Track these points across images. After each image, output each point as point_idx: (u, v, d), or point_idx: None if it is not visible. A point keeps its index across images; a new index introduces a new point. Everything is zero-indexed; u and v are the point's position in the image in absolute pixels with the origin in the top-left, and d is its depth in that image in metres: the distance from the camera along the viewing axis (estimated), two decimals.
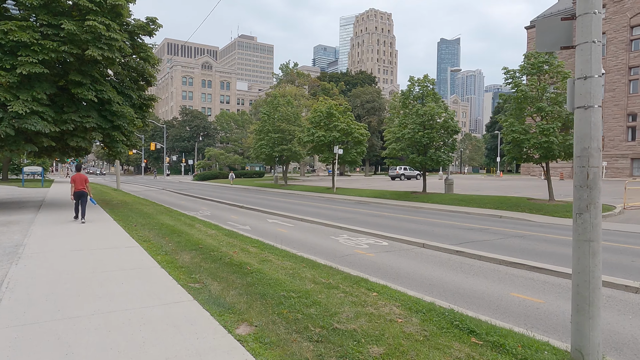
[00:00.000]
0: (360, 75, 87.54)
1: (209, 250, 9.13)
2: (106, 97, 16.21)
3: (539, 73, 19.15)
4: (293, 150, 39.74)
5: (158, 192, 35.09)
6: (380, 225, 14.97)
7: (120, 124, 16.84)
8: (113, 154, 18.41)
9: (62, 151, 19.52)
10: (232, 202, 24.61)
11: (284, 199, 28.33)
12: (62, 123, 15.73)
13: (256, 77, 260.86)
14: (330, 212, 19.72)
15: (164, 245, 9.62)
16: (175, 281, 6.53)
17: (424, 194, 26.69)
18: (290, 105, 42.08)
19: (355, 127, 33.03)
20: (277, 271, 7.36)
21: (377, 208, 21.88)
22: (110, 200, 22.49)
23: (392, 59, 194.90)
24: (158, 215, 15.77)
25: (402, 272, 8.52)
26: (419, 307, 5.52)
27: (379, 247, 11.06)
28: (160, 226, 12.81)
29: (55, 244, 9.45)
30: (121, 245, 9.43)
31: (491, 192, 28.24)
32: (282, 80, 69.59)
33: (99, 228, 12.14)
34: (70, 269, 7.11)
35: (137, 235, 11.00)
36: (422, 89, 26.39)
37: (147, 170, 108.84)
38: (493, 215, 18.33)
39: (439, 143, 25.72)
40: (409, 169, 57.55)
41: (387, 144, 26.93)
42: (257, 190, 38.04)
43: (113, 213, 16.09)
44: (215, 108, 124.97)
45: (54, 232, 11.18)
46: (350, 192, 31.52)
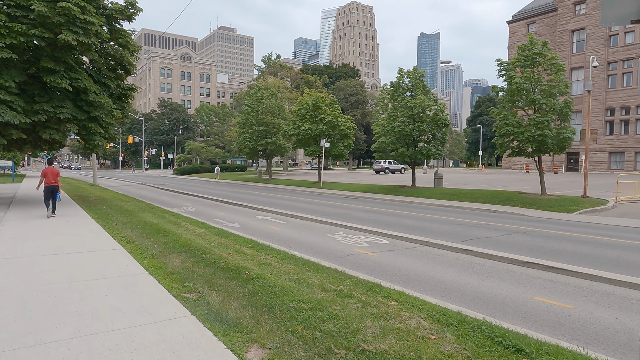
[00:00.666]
0: (343, 68, 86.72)
1: (201, 252, 8.33)
2: (82, 86, 15.05)
3: (533, 65, 18.82)
4: (278, 143, 38.80)
5: (138, 187, 33.73)
6: (376, 222, 14.38)
7: (97, 115, 15.70)
8: (90, 147, 17.23)
9: (33, 144, 18.20)
10: (216, 197, 23.66)
11: (271, 193, 27.51)
12: (33, 114, 14.53)
13: (236, 69, 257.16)
14: (320, 207, 19.04)
15: (150, 247, 8.76)
16: (167, 291, 5.74)
17: (413, 188, 26.28)
18: (274, 97, 41.04)
19: (342, 120, 32.36)
20: (279, 276, 6.65)
21: (368, 203, 21.31)
22: (87, 197, 21.25)
23: (373, 52, 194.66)
24: (140, 213, 14.79)
25: (412, 274, 7.92)
26: (449, 319, 4.90)
27: (380, 246, 10.46)
28: (144, 225, 11.89)
29: (27, 247, 8.48)
30: (102, 248, 8.53)
31: (479, 186, 28.09)
32: (265, 73, 68.23)
33: (76, 228, 11.15)
34: (45, 279, 6.22)
35: (118, 235, 10.09)
36: (411, 81, 25.88)
37: (124, 165, 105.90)
38: (487, 210, 18.00)
39: (429, 136, 25.32)
40: (394, 162, 57.41)
41: (375, 137, 26.36)
42: (241, 185, 37.04)
43: (91, 210, 15.02)
44: (195, 101, 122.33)
45: (25, 233, 10.16)
46: (337, 187, 30.91)
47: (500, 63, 19.62)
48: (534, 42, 18.90)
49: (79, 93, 15.66)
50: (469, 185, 28.85)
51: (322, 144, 31.29)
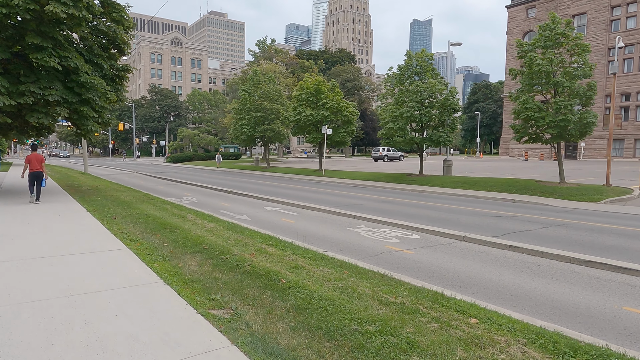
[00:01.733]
0: (339, 53, 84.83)
1: (218, 252, 7.21)
2: (72, 65, 13.64)
3: (556, 46, 17.74)
4: (276, 130, 37.46)
5: (131, 176, 32.31)
6: (395, 213, 13.35)
7: (89, 97, 14.31)
8: (82, 133, 15.84)
9: (20, 130, 16.79)
10: (217, 186, 22.44)
11: (272, 182, 26.33)
12: (18, 95, 13.12)
13: (227, 55, 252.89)
14: (329, 197, 17.96)
15: (158, 247, 7.62)
16: (191, 307, 4.63)
17: (421, 176, 25.28)
18: (272, 82, 39.54)
19: (344, 105, 31.12)
20: (320, 284, 5.57)
21: (379, 192, 20.27)
22: (79, 186, 19.90)
23: (367, 38, 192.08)
24: (139, 204, 13.57)
25: (463, 276, 6.89)
26: (557, 346, 3.87)
27: (412, 241, 9.42)
28: (146, 218, 10.70)
29: (14, 248, 7.28)
30: (103, 248, 7.36)
31: (485, 174, 27.19)
32: (259, 57, 66.29)
33: (71, 223, 9.93)
34: (36, 292, 5.06)
35: (120, 232, 8.91)
36: (419, 64, 24.68)
37: (115, 152, 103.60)
38: (506, 199, 17.06)
39: (437, 122, 24.22)
40: (392, 150, 56.38)
41: (382, 123, 25.22)
42: (238, 173, 35.77)
43: (85, 202, 13.77)
44: (187, 87, 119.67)
45: (13, 230, 8.94)
46: (340, 175, 29.80)
47: (520, 44, 18.50)
48: (556, 21, 17.79)
49: (69, 73, 14.25)
50: (475, 173, 27.95)
51: (324, 131, 30.08)
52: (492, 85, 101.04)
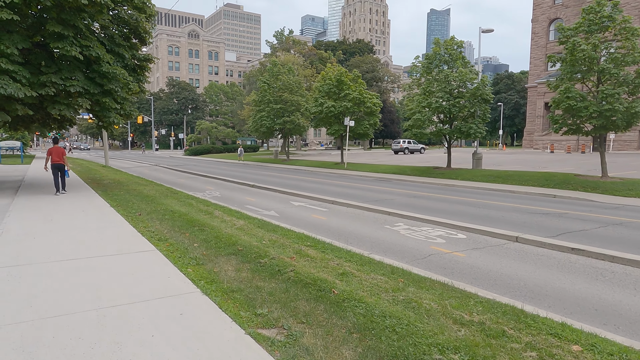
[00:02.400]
0: (357, 44, 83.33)
1: (254, 254, 6.57)
2: (94, 55, 13.14)
3: (601, 30, 16.53)
4: (296, 122, 36.76)
5: (151, 169, 32.10)
6: (430, 209, 12.56)
7: (111, 88, 13.82)
8: (104, 125, 15.40)
9: (42, 122, 16.46)
10: (238, 179, 21.91)
11: (294, 175, 25.69)
12: (39, 86, 12.70)
13: (243, 47, 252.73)
14: (356, 191, 17.21)
15: (189, 247, 7.02)
16: (238, 326, 3.98)
17: (449, 169, 24.30)
18: (291, 73, 38.77)
19: (367, 96, 30.19)
20: (377, 296, 4.87)
21: (406, 186, 19.43)
22: (100, 180, 19.60)
23: (384, 29, 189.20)
24: (163, 199, 13.07)
25: (530, 284, 6.11)
26: None
27: (460, 242, 8.64)
28: (172, 215, 10.15)
29: (36, 249, 6.77)
30: (130, 249, 6.80)
31: (515, 167, 25.98)
32: (277, 49, 65.46)
33: (94, 219, 9.44)
34: (60, 305, 4.49)
35: (146, 230, 8.36)
36: (448, 52, 23.58)
37: (134, 145, 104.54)
38: (545, 194, 16.05)
39: (466, 113, 23.13)
40: (413, 142, 55.19)
41: (409, 114, 24.28)
42: (258, 166, 35.25)
43: (108, 196, 13.33)
44: (204, 79, 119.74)
45: (35, 227, 8.47)
46: (362, 168, 28.99)
47: (561, 28, 17.31)
48: (601, 3, 16.55)
49: (90, 63, 13.78)
50: (504, 166, 26.77)
51: (347, 123, 29.24)
52: (514, 75, 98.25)
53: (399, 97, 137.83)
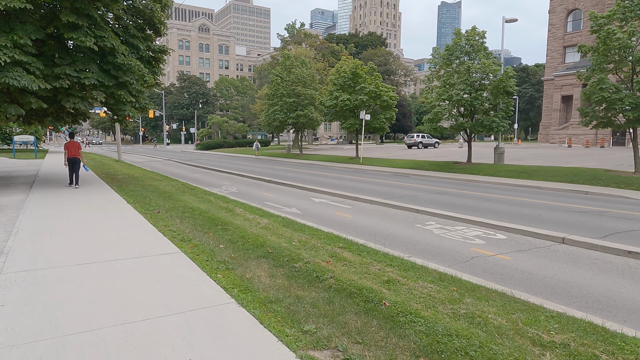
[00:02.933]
0: (369, 36, 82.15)
1: (287, 257, 6.06)
2: (108, 46, 12.68)
3: (637, 18, 15.65)
4: (310, 116, 36.16)
5: (164, 164, 31.81)
6: (459, 206, 11.94)
7: (127, 80, 13.37)
8: (119, 118, 14.99)
9: (55, 116, 16.10)
10: (253, 174, 21.44)
11: (309, 170, 25.15)
12: (53, 79, 12.29)
13: (253, 41, 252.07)
14: (377, 187, 16.63)
15: (215, 249, 6.53)
16: (285, 347, 3.46)
17: (470, 164, 23.58)
18: (305, 66, 38.12)
19: (384, 90, 29.47)
20: (434, 309, 4.33)
21: (427, 182, 18.78)
22: (115, 174, 19.26)
23: (395, 21, 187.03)
24: (180, 195, 12.63)
25: (595, 293, 5.51)
26: None
27: (501, 244, 8.04)
28: (192, 212, 9.69)
29: (53, 250, 6.34)
30: (152, 251, 6.32)
31: (537, 162, 25.16)
32: (289, 42, 64.74)
33: (112, 217, 9.00)
34: (82, 319, 4.01)
35: (167, 229, 7.89)
36: (469, 43, 22.76)
37: (145, 139, 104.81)
38: (576, 191, 15.33)
39: (486, 106, 22.32)
40: (427, 136, 54.36)
41: (428, 107, 23.56)
42: (271, 161, 34.78)
43: (123, 192, 12.93)
44: (214, 74, 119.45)
45: (51, 225, 8.05)
46: (378, 163, 28.35)
47: (594, 17, 16.45)
48: None
49: (105, 55, 13.33)
50: (525, 161, 25.94)
51: (362, 116, 28.58)
52: (529, 68, 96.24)
53: (410, 90, 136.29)
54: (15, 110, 11.77)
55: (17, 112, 11.80)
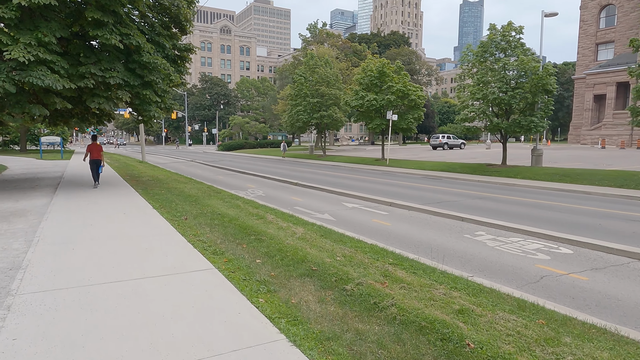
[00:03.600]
0: (392, 36, 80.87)
1: (333, 276, 5.31)
2: (134, 44, 12.22)
3: None
4: (334, 116, 35.39)
5: (187, 165, 31.57)
6: (506, 214, 10.98)
7: (152, 79, 12.89)
8: (144, 119, 14.55)
9: (81, 116, 15.79)
10: (279, 177, 20.80)
11: (335, 172, 24.38)
12: (78, 78, 11.88)
13: (273, 42, 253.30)
14: (410, 191, 15.73)
15: (251, 264, 5.83)
16: None
17: (505, 167, 22.40)
18: (328, 66, 37.39)
19: (412, 89, 28.47)
20: (531, 353, 3.49)
21: (462, 185, 17.77)
22: (139, 176, 18.91)
23: (417, 21, 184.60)
24: (207, 199, 12.04)
25: None
26: None
27: (569, 260, 7.10)
28: (221, 219, 9.05)
29: (75, 264, 5.75)
30: (183, 267, 5.66)
31: (574, 164, 23.72)
32: (310, 42, 64.14)
33: (138, 224, 8.43)
34: (110, 353, 3.34)
35: (197, 239, 7.24)
36: (504, 38, 21.59)
37: (167, 140, 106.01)
38: (629, 196, 14.12)
39: (523, 105, 21.09)
40: (453, 137, 52.95)
41: (460, 107, 22.50)
42: (294, 162, 34.15)
43: (149, 196, 12.42)
44: (235, 75, 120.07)
45: (74, 233, 7.52)
46: (406, 165, 27.34)
47: None
48: None
49: (130, 53, 12.88)
50: (560, 163, 24.54)
51: (389, 117, 27.64)
52: (557, 66, 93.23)
53: (432, 90, 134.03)
54: (39, 110, 11.39)
55: (41, 113, 11.42)
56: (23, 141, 43.86)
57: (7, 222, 8.44)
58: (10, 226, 8.09)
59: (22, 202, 11.05)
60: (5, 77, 10.26)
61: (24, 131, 44.00)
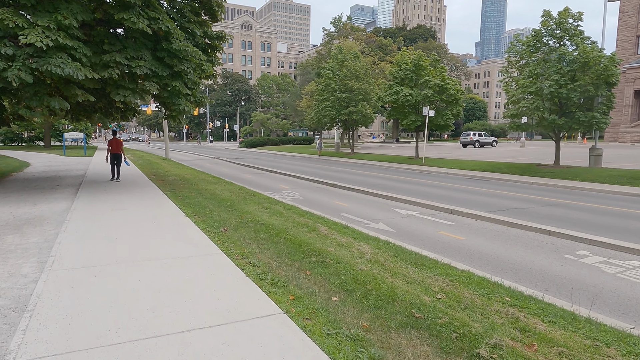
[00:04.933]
0: (418, 29, 78.38)
1: (450, 328, 3.80)
2: (163, 29, 10.90)
3: None
4: (363, 112, 33.72)
5: (212, 162, 30.42)
6: (591, 225, 9.27)
7: (183, 69, 11.55)
8: (172, 114, 13.23)
9: (104, 111, 14.63)
10: (312, 177, 19.35)
11: (368, 172, 22.77)
12: (102, 68, 10.62)
13: (293, 39, 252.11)
14: (463, 195, 14.06)
15: (328, 305, 4.36)
16: None
17: (558, 167, 20.44)
18: (357, 59, 35.71)
19: (450, 83, 26.61)
20: None
21: (520, 189, 15.97)
22: (164, 175, 17.72)
23: (440, 15, 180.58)
24: (243, 204, 10.65)
25: None
26: None
27: None
28: (267, 231, 7.62)
29: (96, 305, 4.37)
30: (239, 309, 4.22)
31: (632, 165, 21.55)
32: (334, 36, 62.48)
33: (170, 239, 7.05)
34: None
35: (244, 259, 5.83)
36: (560, 26, 19.58)
37: (188, 137, 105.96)
38: None
39: (582, 99, 19.06)
40: (484, 134, 50.72)
41: (510, 101, 20.61)
42: (322, 160, 32.63)
43: (178, 200, 11.11)
44: (256, 71, 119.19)
45: (96, 254, 6.20)
46: (443, 164, 25.53)
47: None
48: None
49: (158, 40, 11.57)
50: (614, 163, 22.31)
51: (426, 113, 25.88)
52: None
53: None
54: (59, 103, 10.16)
55: (61, 106, 10.19)
56: (47, 137, 43.58)
57: (20, 234, 7.18)
58: (23, 240, 6.82)
59: (40, 207, 9.85)
60: (22, 65, 9.04)
61: (48, 127, 43.72)
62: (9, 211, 9.23)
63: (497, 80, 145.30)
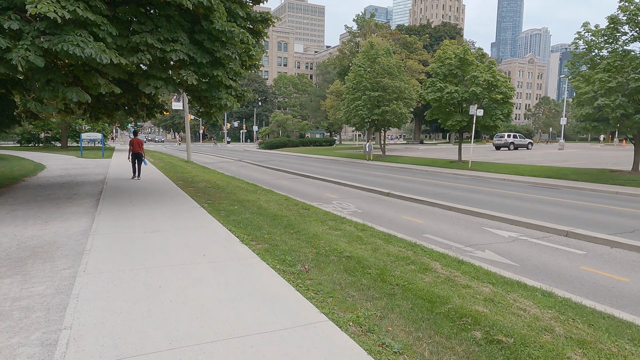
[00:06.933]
0: (443, 27, 75.55)
1: None
2: (205, 4, 8.75)
3: None
4: (397, 112, 31.32)
5: (236, 165, 28.35)
6: None
7: (226, 55, 9.40)
8: (212, 110, 11.05)
9: (128, 107, 12.57)
10: (357, 183, 17.06)
11: (414, 177, 20.37)
12: (130, 52, 8.53)
13: (307, 39, 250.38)
14: (545, 207, 11.66)
15: None
16: None
17: (638, 174, 17.82)
18: (389, 55, 33.33)
19: (501, 79, 24.11)
20: None
21: (609, 200, 13.49)
22: (193, 181, 15.62)
23: (458, 14, 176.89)
24: (302, 223, 8.43)
25: None
26: None
27: None
28: (363, 271, 5.39)
29: None
30: None
31: None
32: (357, 34, 60.12)
33: (239, 292, 4.86)
34: None
35: (362, 330, 3.61)
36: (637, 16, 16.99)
37: (204, 137, 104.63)
38: None
39: None
40: (519, 136, 47.84)
41: (582, 99, 18.08)
42: (352, 163, 30.28)
43: (220, 215, 8.95)
44: (273, 71, 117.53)
45: (133, 326, 4.05)
46: (494, 169, 23.02)
47: None
48: None
49: (197, 20, 9.45)
50: None
51: (473, 112, 23.41)
52: None
53: None
54: (78, 95, 8.06)
55: (79, 98, 8.09)
56: (64, 137, 42.10)
57: (21, 275, 5.06)
58: (24, 288, 4.68)
59: (52, 226, 7.76)
60: (30, 44, 6.97)
61: (65, 127, 42.26)
62: (12, 233, 7.16)
63: (517, 81, 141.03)
